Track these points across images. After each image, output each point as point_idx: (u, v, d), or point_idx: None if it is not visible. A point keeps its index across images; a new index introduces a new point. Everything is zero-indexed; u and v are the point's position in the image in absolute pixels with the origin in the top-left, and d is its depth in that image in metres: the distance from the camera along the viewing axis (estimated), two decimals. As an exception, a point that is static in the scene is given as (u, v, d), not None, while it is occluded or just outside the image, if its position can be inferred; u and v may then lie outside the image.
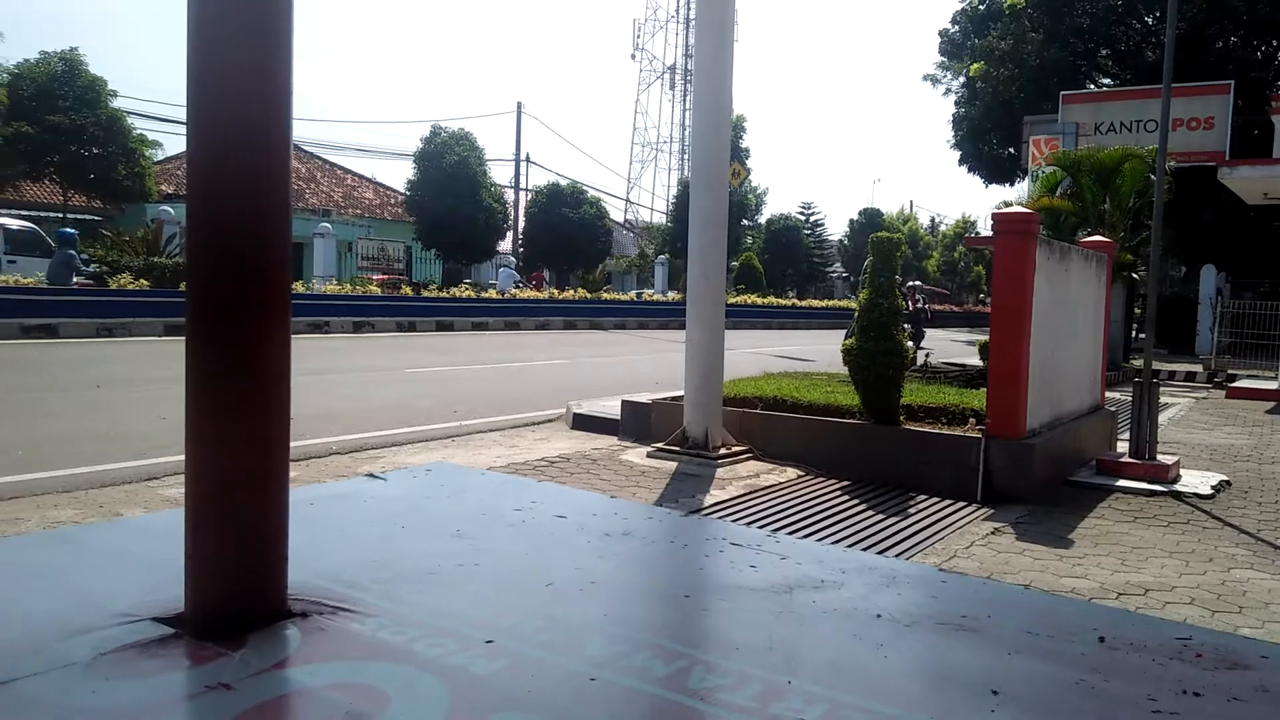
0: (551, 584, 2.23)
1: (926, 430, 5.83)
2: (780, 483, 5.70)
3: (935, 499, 5.40)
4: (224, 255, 1.96)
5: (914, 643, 2.03)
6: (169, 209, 22.66)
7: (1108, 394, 7.84)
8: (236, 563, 1.96)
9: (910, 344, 16.24)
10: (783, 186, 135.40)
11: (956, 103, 29.66)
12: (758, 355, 15.40)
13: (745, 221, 39.30)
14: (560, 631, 1.96)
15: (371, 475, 3.18)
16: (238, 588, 1.97)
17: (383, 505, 2.90)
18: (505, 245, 35.18)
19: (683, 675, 1.77)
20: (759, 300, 31.49)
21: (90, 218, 25.33)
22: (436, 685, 1.69)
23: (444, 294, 22.99)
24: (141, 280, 16.72)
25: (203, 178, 1.98)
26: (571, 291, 27.46)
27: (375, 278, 24.31)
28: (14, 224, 18.39)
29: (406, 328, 20.53)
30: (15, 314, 14.16)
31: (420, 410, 8.95)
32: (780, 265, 42.31)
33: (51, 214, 23.83)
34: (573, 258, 34.23)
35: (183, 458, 6.47)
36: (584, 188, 35.76)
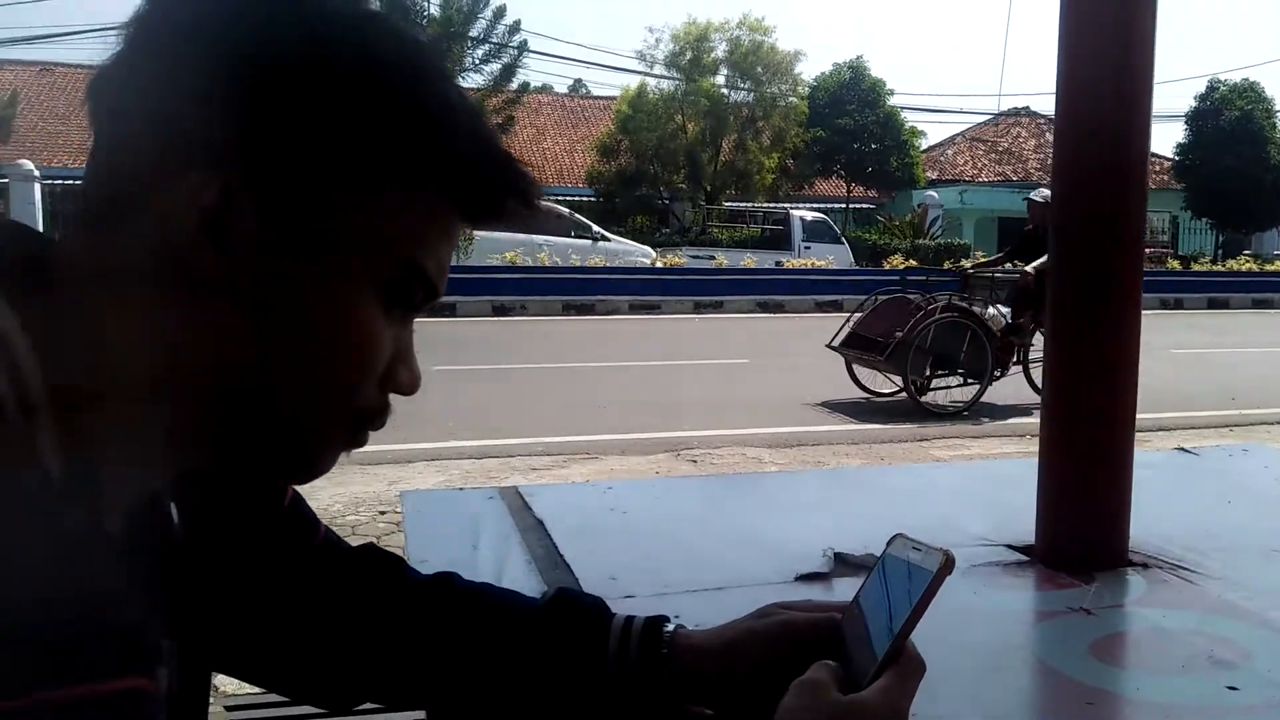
0: None
1: None
2: None
3: None
4: (1082, 250, 2.24)
5: None
6: (934, 194, 24.45)
7: None
8: (1084, 508, 2.26)
9: None
10: None
11: None
12: None
13: None
14: None
15: (1181, 449, 3.23)
16: (1084, 531, 2.26)
17: (1199, 479, 2.93)
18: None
19: None
20: None
21: (866, 206, 28.71)
22: (1301, 653, 1.75)
23: (1218, 268, 20.50)
24: (911, 260, 18.59)
25: (1066, 179, 2.29)
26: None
27: (1136, 252, 22.81)
28: (808, 215, 21.87)
29: (1172, 305, 19.13)
30: (810, 291, 17.17)
31: (1189, 395, 8.38)
32: None
33: (836, 205, 27.62)
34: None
35: (851, 428, 7.30)
36: None
